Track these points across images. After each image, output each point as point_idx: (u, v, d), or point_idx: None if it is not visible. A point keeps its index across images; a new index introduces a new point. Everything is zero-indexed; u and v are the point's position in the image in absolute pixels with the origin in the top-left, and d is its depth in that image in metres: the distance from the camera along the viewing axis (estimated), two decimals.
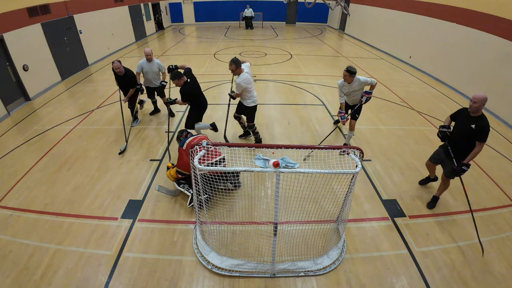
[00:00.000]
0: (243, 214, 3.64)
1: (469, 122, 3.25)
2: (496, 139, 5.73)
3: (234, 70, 4.63)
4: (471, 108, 3.19)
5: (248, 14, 18.26)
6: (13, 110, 6.75)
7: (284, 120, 6.28)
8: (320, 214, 3.49)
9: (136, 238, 3.37)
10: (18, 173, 4.49)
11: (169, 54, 12.12)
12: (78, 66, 9.74)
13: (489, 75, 6.96)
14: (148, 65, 5.54)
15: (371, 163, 4.84)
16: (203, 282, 2.88)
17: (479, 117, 3.21)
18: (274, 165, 2.38)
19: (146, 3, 15.66)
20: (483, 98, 3.10)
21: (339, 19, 18.47)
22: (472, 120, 3.23)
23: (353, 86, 4.63)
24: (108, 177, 4.41)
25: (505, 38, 6.51)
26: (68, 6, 9.13)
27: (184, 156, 3.82)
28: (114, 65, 5.22)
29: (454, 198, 4.07)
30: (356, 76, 4.54)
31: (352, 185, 2.79)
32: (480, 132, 3.17)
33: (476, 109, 3.16)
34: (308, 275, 2.95)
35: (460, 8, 8.15)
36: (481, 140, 3.20)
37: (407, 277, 2.95)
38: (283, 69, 10.12)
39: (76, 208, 3.79)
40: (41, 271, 2.95)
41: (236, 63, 4.57)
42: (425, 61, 9.80)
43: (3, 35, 6.55)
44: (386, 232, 3.51)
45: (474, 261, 3.13)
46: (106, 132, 5.69)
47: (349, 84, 4.64)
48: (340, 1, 8.69)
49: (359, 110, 4.91)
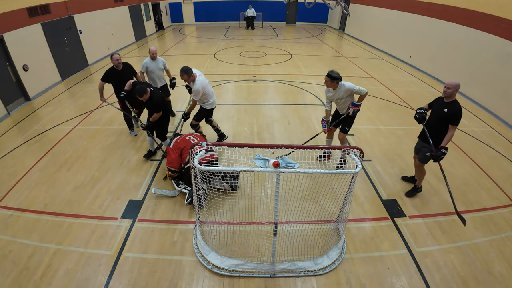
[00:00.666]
0: (243, 214, 3.64)
1: (443, 107, 3.50)
2: (496, 139, 5.74)
3: (187, 79, 4.41)
4: (445, 94, 3.45)
5: (250, 14, 18.31)
6: (13, 110, 6.75)
7: (284, 120, 6.28)
8: (320, 214, 3.49)
9: (136, 238, 3.37)
10: (18, 173, 4.49)
11: (169, 54, 12.13)
12: (78, 66, 9.74)
13: (489, 75, 6.96)
14: (154, 63, 5.50)
15: (371, 163, 4.84)
16: (203, 282, 2.88)
17: (452, 102, 3.45)
18: (274, 165, 2.37)
19: (146, 3, 15.66)
20: (456, 84, 3.38)
21: (339, 19, 18.47)
22: (445, 105, 3.49)
23: (340, 93, 4.09)
24: (108, 177, 4.41)
25: (505, 38, 6.51)
26: (68, 6, 9.13)
27: (171, 153, 3.98)
28: (115, 57, 4.87)
29: (454, 198, 4.06)
30: (342, 82, 4.02)
31: (352, 185, 2.79)
32: (452, 116, 3.40)
33: (449, 94, 3.41)
34: (308, 275, 2.95)
35: (460, 8, 8.15)
36: (453, 124, 3.42)
37: (407, 277, 2.95)
38: (283, 69, 10.13)
39: (76, 208, 3.79)
40: (41, 271, 2.95)
41: (187, 72, 4.32)
42: (425, 61, 9.81)
43: (3, 35, 6.55)
44: (386, 232, 3.50)
45: (474, 261, 3.13)
46: (106, 132, 5.69)
47: (334, 91, 4.12)
48: (340, 1, 8.70)
49: (348, 122, 4.37)
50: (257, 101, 7.26)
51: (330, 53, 12.71)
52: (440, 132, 3.52)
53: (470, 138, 5.73)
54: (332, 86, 4.06)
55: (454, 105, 3.41)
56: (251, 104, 7.06)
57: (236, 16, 19.94)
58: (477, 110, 7.10)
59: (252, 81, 8.74)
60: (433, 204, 3.95)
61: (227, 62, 10.85)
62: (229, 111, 6.67)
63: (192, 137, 4.05)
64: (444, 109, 3.47)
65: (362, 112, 5.02)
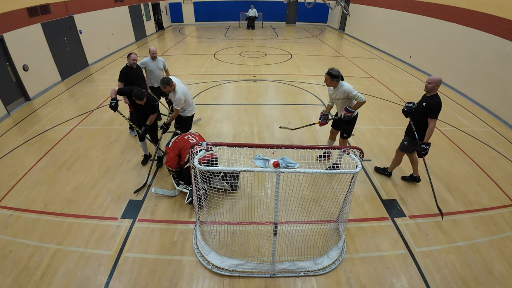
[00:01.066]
0: (243, 214, 3.64)
1: (423, 101, 3.67)
2: (496, 139, 5.74)
3: (170, 90, 4.20)
4: (426, 88, 3.60)
5: (252, 14, 18.33)
6: (13, 110, 6.75)
7: (284, 120, 6.28)
8: (320, 214, 3.49)
9: (136, 238, 3.37)
10: (18, 173, 4.49)
11: (169, 54, 12.13)
12: (78, 66, 9.74)
13: (489, 75, 6.96)
14: (153, 63, 5.49)
15: (371, 163, 4.84)
16: (203, 282, 2.88)
17: (432, 96, 3.58)
18: (274, 165, 2.37)
19: (146, 3, 15.66)
20: (437, 79, 3.52)
21: (339, 19, 18.48)
22: (425, 99, 3.64)
23: (338, 93, 3.97)
24: (108, 177, 4.41)
25: (505, 38, 6.51)
26: (68, 6, 9.13)
27: (169, 152, 3.98)
28: (132, 57, 4.97)
29: (454, 198, 4.07)
30: (342, 82, 3.90)
31: (352, 185, 2.79)
32: (430, 109, 3.54)
33: (430, 89, 3.56)
34: (308, 275, 2.95)
35: (460, 8, 8.15)
36: (430, 117, 3.54)
37: (407, 277, 2.95)
38: (283, 69, 10.13)
39: (76, 208, 3.79)
40: (41, 271, 2.95)
41: (169, 83, 4.11)
42: (425, 61, 9.81)
43: (3, 35, 6.55)
44: (386, 232, 3.50)
45: (474, 261, 3.13)
46: (106, 132, 5.69)
47: (334, 90, 4.02)
48: (340, 1, 8.70)
49: (347, 128, 4.27)
50: (257, 101, 7.26)
51: (330, 53, 12.71)
52: (423, 126, 3.65)
53: (470, 138, 5.73)
54: (332, 84, 3.96)
55: (433, 98, 3.55)
56: (251, 104, 7.06)
57: (236, 16, 19.94)
58: (477, 110, 7.10)
59: (252, 81, 8.74)
60: (433, 204, 3.94)
61: (227, 62, 10.85)
62: (229, 111, 6.67)
63: (191, 136, 4.04)
64: (423, 103, 3.64)
65: (362, 112, 5.01)
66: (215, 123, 6.14)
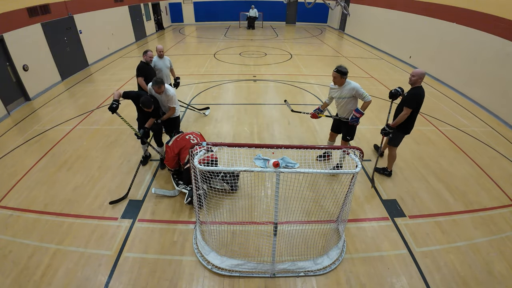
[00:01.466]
0: (243, 214, 3.64)
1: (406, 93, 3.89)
2: (496, 139, 5.74)
3: (163, 90, 4.14)
4: (410, 81, 3.76)
5: (253, 14, 18.34)
6: (13, 110, 6.75)
7: (284, 120, 6.28)
8: (320, 214, 3.49)
9: (136, 238, 3.37)
10: (18, 173, 4.49)
11: (169, 54, 12.12)
12: (78, 66, 9.74)
13: (489, 75, 6.96)
14: (161, 62, 5.49)
15: (371, 163, 4.84)
16: (203, 282, 2.88)
17: (415, 87, 3.75)
18: (274, 165, 2.37)
19: (146, 3, 15.66)
20: (420, 72, 3.69)
21: (339, 19, 18.47)
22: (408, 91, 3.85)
23: (343, 91, 3.93)
24: (108, 177, 4.41)
25: (505, 38, 6.51)
26: (68, 6, 9.13)
27: (168, 152, 3.99)
28: (149, 54, 5.09)
29: (454, 198, 4.07)
30: (349, 80, 3.90)
31: (352, 185, 2.79)
32: (407, 98, 3.76)
33: (413, 81, 3.73)
34: (308, 275, 2.95)
35: (459, 8, 8.15)
36: (405, 105, 3.76)
37: (407, 277, 2.95)
38: (283, 69, 10.13)
39: (76, 208, 3.79)
40: (41, 271, 2.95)
41: (163, 82, 4.08)
42: (425, 61, 9.80)
43: (3, 35, 6.55)
44: (386, 232, 3.50)
45: (474, 261, 3.13)
46: (106, 132, 5.69)
47: (339, 88, 3.96)
48: (340, 1, 8.70)
49: (350, 130, 4.23)
50: (257, 101, 7.26)
51: (330, 53, 12.71)
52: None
53: (470, 138, 5.73)
54: (340, 82, 3.90)
55: (414, 90, 3.73)
56: (251, 104, 7.06)
57: (236, 16, 19.94)
58: (477, 110, 7.10)
59: (252, 81, 8.74)
60: (433, 204, 3.95)
61: (227, 62, 10.85)
62: (229, 111, 6.67)
63: (192, 136, 4.04)
64: (405, 93, 3.89)
65: None
66: (215, 123, 6.15)
